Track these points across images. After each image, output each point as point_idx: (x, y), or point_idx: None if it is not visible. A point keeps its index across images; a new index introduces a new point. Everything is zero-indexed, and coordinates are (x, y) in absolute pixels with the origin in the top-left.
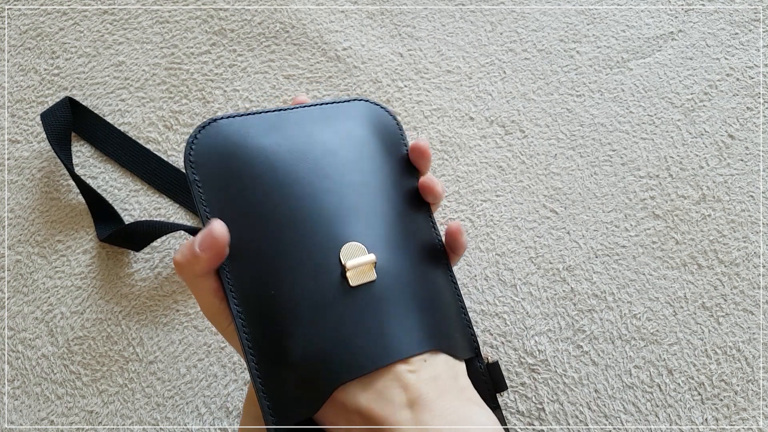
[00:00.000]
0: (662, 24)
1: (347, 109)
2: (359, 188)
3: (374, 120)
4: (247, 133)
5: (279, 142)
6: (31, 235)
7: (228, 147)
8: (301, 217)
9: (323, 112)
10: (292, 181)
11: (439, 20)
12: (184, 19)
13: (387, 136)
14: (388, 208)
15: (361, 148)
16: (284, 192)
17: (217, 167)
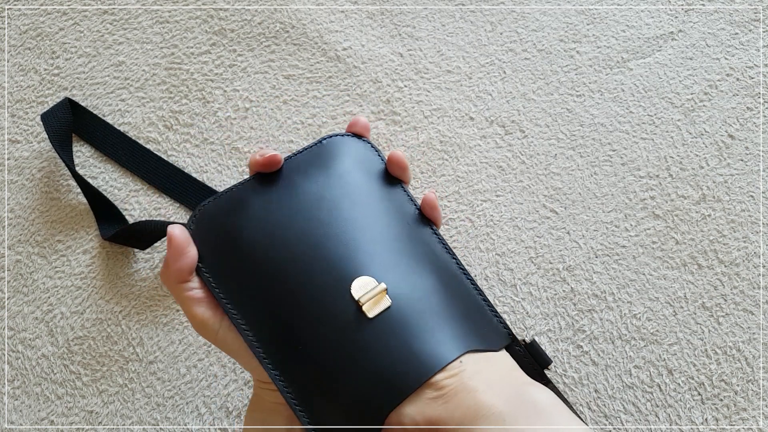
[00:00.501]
0: (662, 24)
1: (320, 152)
2: (354, 223)
3: (348, 151)
4: (236, 205)
5: (266, 203)
6: (31, 235)
7: (221, 224)
8: (307, 270)
9: (298, 164)
10: (288, 236)
11: (439, 20)
12: (184, 19)
13: (364, 162)
14: (386, 231)
15: (345, 183)
16: (284, 251)
17: (215, 247)
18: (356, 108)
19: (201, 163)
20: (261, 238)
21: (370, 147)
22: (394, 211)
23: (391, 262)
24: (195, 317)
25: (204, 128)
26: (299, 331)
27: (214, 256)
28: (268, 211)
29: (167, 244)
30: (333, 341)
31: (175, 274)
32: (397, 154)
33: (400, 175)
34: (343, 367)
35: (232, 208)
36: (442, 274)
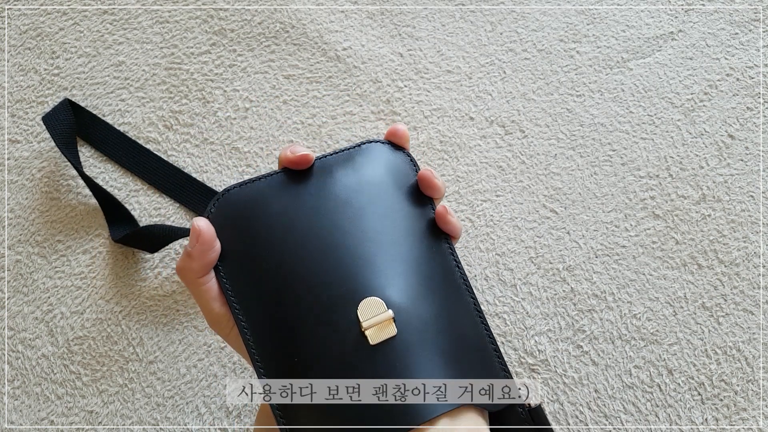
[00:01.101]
0: (662, 24)
1: (354, 156)
2: (374, 237)
3: (383, 160)
4: (259, 197)
5: (290, 201)
6: (31, 235)
7: (241, 215)
8: (318, 279)
9: (332, 163)
10: (305, 239)
11: (439, 20)
12: (184, 19)
13: (398, 174)
14: (406, 252)
15: (373, 193)
16: (299, 252)
17: (231, 240)
18: (356, 108)
19: (201, 163)
20: (278, 238)
21: (408, 159)
22: (418, 232)
23: (403, 287)
24: (211, 312)
25: (204, 128)
26: (299, 343)
27: (230, 250)
28: (291, 209)
29: (193, 237)
30: (329, 362)
31: (199, 268)
32: (426, 174)
33: (430, 194)
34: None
35: (255, 201)
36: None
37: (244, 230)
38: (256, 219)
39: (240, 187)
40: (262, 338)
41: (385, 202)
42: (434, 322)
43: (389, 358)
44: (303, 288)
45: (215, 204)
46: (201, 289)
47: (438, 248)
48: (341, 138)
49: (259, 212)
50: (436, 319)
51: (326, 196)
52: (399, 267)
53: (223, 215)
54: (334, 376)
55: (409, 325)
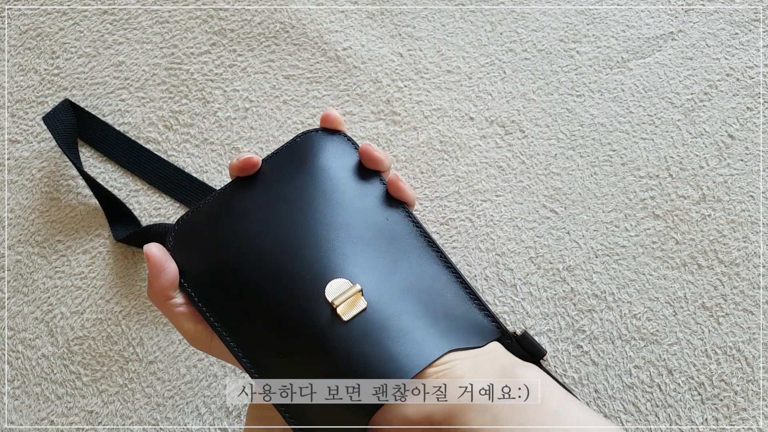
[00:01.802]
0: (662, 24)
1: (295, 150)
2: (328, 225)
3: (322, 147)
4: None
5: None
6: (31, 235)
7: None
8: (283, 275)
9: (275, 164)
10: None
11: (439, 20)
12: (184, 19)
13: (339, 157)
14: (362, 231)
15: (321, 181)
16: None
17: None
18: (356, 108)
19: (201, 163)
20: (239, 246)
21: (345, 140)
22: (370, 207)
23: (366, 263)
24: (187, 332)
25: (204, 128)
26: (279, 339)
27: (195, 269)
28: (246, 216)
29: (147, 263)
30: (310, 348)
31: (159, 291)
32: (365, 148)
33: (374, 167)
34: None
35: (211, 218)
36: (423, 270)
37: (204, 247)
38: (213, 234)
39: (193, 213)
40: (244, 342)
41: (333, 188)
42: (403, 287)
43: (366, 328)
44: (270, 285)
45: (172, 235)
46: (172, 312)
47: (394, 217)
48: None
49: (216, 227)
50: (404, 285)
51: (276, 196)
52: (359, 246)
53: (183, 243)
54: (317, 360)
55: (379, 296)
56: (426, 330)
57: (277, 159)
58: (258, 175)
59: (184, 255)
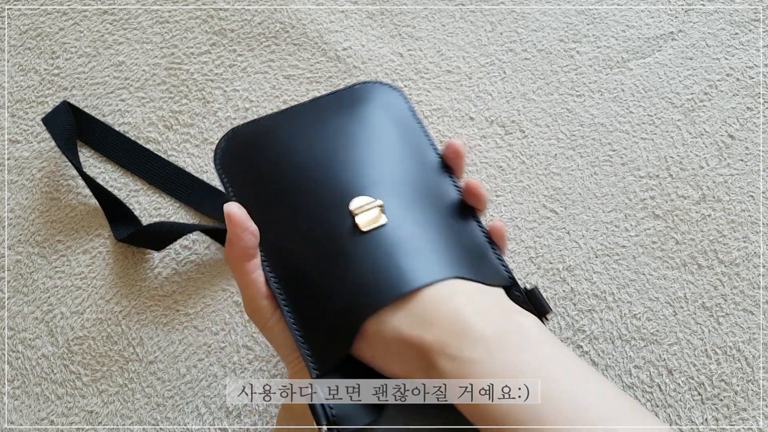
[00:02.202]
0: (662, 24)
1: (350, 94)
2: (366, 153)
3: (377, 96)
4: (262, 132)
5: (292, 133)
6: (31, 235)
7: (248, 148)
8: (314, 187)
9: (330, 99)
10: (304, 160)
11: (439, 20)
12: (184, 19)
13: (391, 107)
14: (398, 166)
15: (366, 121)
16: (300, 173)
17: (241, 166)
18: None
19: (201, 163)
20: (281, 162)
21: (400, 95)
22: (411, 153)
23: (394, 189)
24: (253, 301)
25: (204, 128)
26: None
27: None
28: (293, 139)
29: (227, 222)
30: (324, 252)
31: (241, 251)
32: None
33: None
34: (329, 276)
35: (261, 135)
36: (449, 213)
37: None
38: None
39: (246, 125)
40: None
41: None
42: (425, 219)
43: (381, 241)
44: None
45: (225, 139)
46: (249, 278)
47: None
48: None
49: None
50: (427, 218)
51: (324, 126)
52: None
53: (229, 150)
54: (328, 263)
55: (400, 218)
56: (438, 255)
57: (331, 98)
58: (310, 109)
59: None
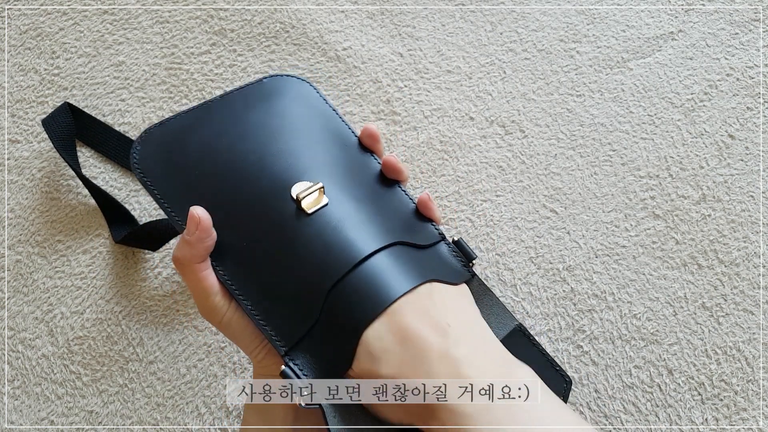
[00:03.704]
0: (662, 24)
1: (261, 88)
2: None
3: (290, 89)
4: (178, 131)
5: (212, 128)
6: (31, 235)
7: (166, 147)
8: (250, 180)
9: (243, 94)
10: (232, 156)
11: (439, 20)
12: (184, 19)
13: (305, 98)
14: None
15: (286, 114)
16: (228, 166)
17: (162, 166)
18: (356, 108)
19: None
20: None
21: (309, 85)
22: (333, 138)
23: (328, 172)
24: (207, 299)
25: None
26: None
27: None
28: (214, 132)
29: (191, 225)
30: (274, 238)
31: (197, 255)
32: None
33: (374, 148)
34: (282, 260)
35: (178, 134)
36: (379, 187)
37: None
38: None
39: (161, 125)
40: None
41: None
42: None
43: (326, 220)
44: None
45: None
46: (200, 275)
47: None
48: None
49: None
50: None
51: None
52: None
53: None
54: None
55: (339, 196)
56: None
57: (242, 92)
58: (223, 106)
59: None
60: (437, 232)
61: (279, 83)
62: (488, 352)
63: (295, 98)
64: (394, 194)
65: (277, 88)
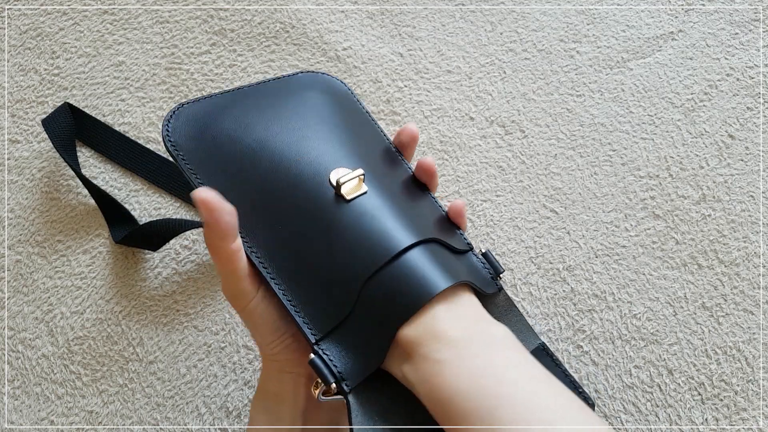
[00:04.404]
0: (662, 24)
1: (297, 81)
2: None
3: (325, 85)
4: (215, 109)
5: (246, 110)
6: (31, 235)
7: (201, 123)
8: (286, 162)
9: (277, 84)
10: (268, 137)
11: (439, 20)
12: (184, 19)
13: (340, 97)
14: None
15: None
16: (263, 146)
17: (196, 142)
18: None
19: None
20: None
21: (342, 83)
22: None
23: (368, 162)
24: (237, 282)
25: None
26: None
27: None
28: (248, 116)
29: (201, 209)
30: (311, 223)
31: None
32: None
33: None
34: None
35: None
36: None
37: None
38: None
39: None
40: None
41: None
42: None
43: (365, 208)
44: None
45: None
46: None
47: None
48: None
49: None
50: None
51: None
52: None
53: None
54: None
55: (377, 187)
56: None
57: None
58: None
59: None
60: (466, 242)
61: (315, 78)
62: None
63: (332, 94)
64: (426, 199)
65: (313, 82)
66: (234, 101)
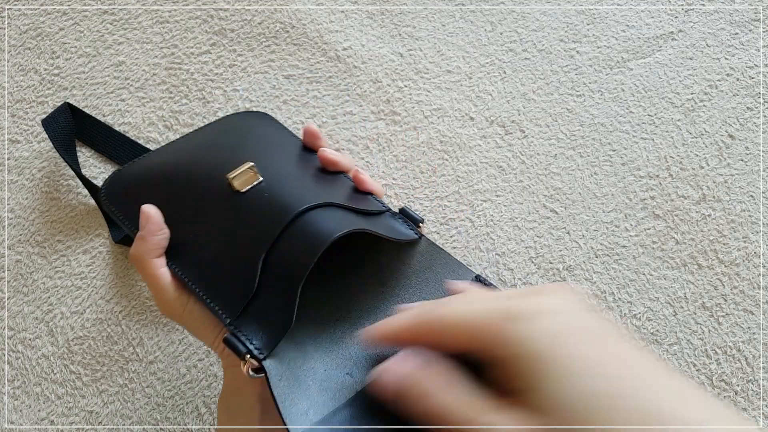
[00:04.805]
0: (662, 24)
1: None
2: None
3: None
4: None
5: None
6: (31, 235)
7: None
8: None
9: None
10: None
11: (439, 20)
12: (184, 19)
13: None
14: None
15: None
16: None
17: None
18: (356, 108)
19: None
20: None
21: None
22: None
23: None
24: (166, 293)
25: None
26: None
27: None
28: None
29: (143, 220)
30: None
31: (153, 247)
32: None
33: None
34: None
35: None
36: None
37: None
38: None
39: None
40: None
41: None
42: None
43: (260, 195)
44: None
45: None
46: (159, 271)
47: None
48: (341, 138)
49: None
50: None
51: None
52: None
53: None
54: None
55: (275, 176)
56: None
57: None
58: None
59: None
60: (380, 204)
61: (237, 115)
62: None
63: (247, 118)
64: (337, 178)
65: (235, 118)
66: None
